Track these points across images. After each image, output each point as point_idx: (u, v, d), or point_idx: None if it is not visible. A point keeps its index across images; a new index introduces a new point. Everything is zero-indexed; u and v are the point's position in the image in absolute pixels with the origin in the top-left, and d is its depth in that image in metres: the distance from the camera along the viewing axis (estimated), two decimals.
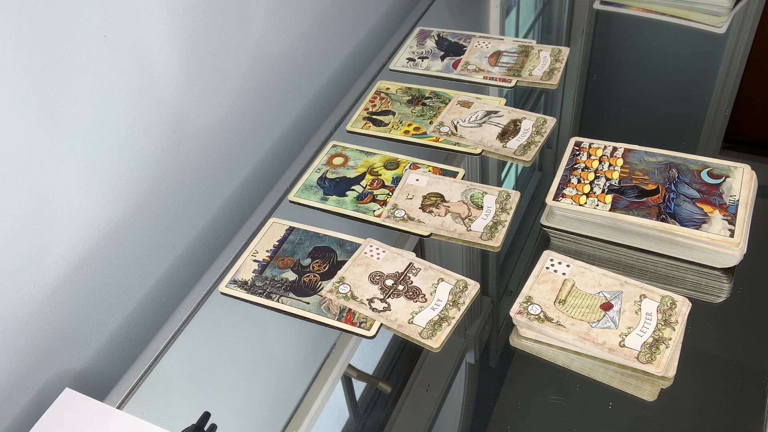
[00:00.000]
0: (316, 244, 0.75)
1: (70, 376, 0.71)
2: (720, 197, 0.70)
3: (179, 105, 0.76)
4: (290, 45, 0.92)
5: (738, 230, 0.66)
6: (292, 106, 0.97)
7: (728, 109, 0.89)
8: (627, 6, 1.08)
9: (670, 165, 0.75)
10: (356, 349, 0.67)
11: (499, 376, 0.64)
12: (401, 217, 0.76)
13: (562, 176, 0.75)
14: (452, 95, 0.92)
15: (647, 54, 1.00)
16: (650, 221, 0.69)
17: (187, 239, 0.84)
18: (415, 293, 0.68)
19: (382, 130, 0.89)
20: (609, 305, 0.64)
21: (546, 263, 0.68)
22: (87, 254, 0.70)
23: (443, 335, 0.65)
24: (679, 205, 0.70)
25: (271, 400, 0.65)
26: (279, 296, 0.70)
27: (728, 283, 0.67)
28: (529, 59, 0.96)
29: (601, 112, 0.93)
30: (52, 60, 0.60)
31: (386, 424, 0.61)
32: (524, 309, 0.64)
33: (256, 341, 0.70)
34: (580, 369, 0.62)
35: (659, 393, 0.60)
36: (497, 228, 0.73)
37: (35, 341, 0.66)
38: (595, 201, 0.72)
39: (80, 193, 0.67)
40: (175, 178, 0.79)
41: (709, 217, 0.68)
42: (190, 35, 0.75)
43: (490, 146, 0.83)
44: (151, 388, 0.66)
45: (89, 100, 0.65)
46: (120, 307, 0.76)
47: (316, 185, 0.82)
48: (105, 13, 0.64)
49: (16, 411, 0.66)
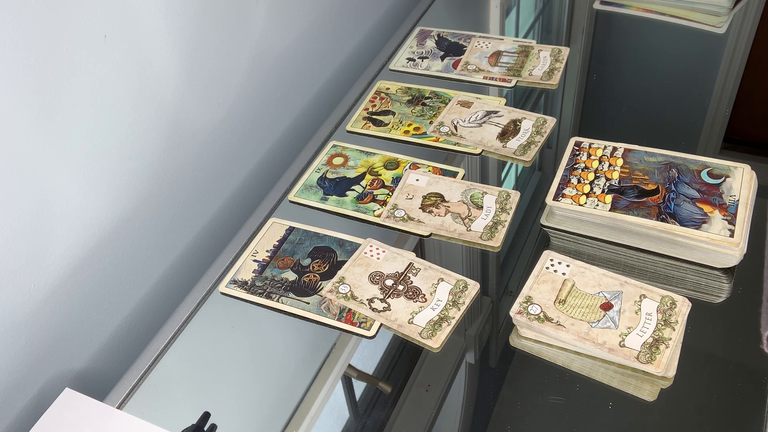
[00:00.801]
0: (316, 244, 0.75)
1: (70, 376, 0.71)
2: (720, 197, 0.70)
3: (179, 105, 0.76)
4: (290, 45, 0.92)
5: (738, 230, 0.66)
6: (292, 106, 0.97)
7: (728, 109, 0.89)
8: (627, 6, 1.08)
9: (670, 165, 0.75)
10: (356, 349, 0.67)
11: (499, 376, 0.64)
12: (401, 217, 0.76)
13: (562, 176, 0.75)
14: (452, 95, 0.92)
15: (647, 54, 1.01)
16: (650, 221, 0.69)
17: (187, 239, 0.84)
18: (415, 293, 0.68)
19: (382, 130, 0.89)
20: (609, 305, 0.64)
21: (546, 263, 0.68)
22: (87, 254, 0.70)
23: (443, 335, 0.65)
24: (679, 205, 0.70)
25: (271, 400, 0.65)
26: (279, 296, 0.70)
27: (728, 283, 0.67)
28: (529, 59, 0.96)
29: (601, 112, 0.93)
30: (52, 60, 0.60)
31: (386, 424, 0.61)
32: (524, 309, 0.64)
33: (256, 341, 0.70)
34: (580, 369, 0.62)
35: (659, 393, 0.60)
36: (497, 228, 0.73)
37: (35, 341, 0.66)
38: (595, 201, 0.72)
39: (80, 193, 0.67)
40: (175, 178, 0.79)
41: (709, 217, 0.68)
42: (190, 35, 0.75)
43: (490, 146, 0.83)
44: (151, 388, 0.66)
45: (89, 100, 0.65)
46: (120, 307, 0.76)
47: (316, 185, 0.82)
48: (105, 13, 0.64)
49: (16, 411, 0.66)
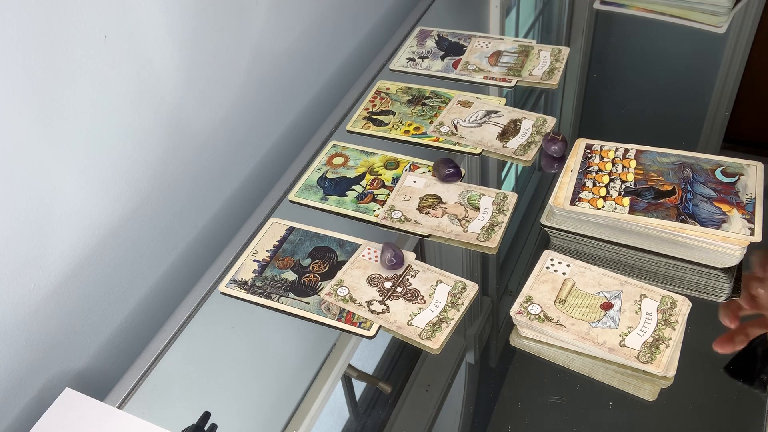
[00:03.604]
0: (316, 245, 0.75)
1: (70, 376, 0.71)
2: (736, 195, 0.70)
3: (179, 105, 0.76)
4: (290, 45, 0.92)
5: (758, 228, 0.66)
6: (292, 106, 0.97)
7: (728, 109, 0.89)
8: (627, 6, 1.08)
9: (684, 165, 0.74)
10: (356, 349, 0.67)
11: (499, 376, 0.64)
12: (398, 218, 0.76)
13: (577, 180, 0.75)
14: (452, 95, 0.92)
15: (647, 54, 1.00)
16: (671, 223, 0.68)
17: (187, 239, 0.84)
18: (414, 295, 0.68)
19: (382, 130, 0.89)
20: (609, 305, 0.64)
21: (546, 263, 0.68)
22: (87, 254, 0.70)
23: (443, 336, 0.65)
24: (697, 205, 0.69)
25: (271, 400, 0.65)
26: (279, 296, 0.70)
27: (728, 283, 0.67)
28: (529, 59, 0.96)
29: (601, 112, 0.93)
30: (52, 60, 0.60)
31: (386, 424, 0.61)
32: (524, 309, 0.64)
33: (256, 341, 0.70)
34: (580, 369, 0.62)
35: (659, 393, 0.60)
36: (494, 229, 0.73)
37: (35, 341, 0.66)
38: (612, 204, 0.71)
39: (80, 193, 0.67)
40: (175, 178, 0.79)
41: (728, 216, 0.68)
42: (190, 35, 0.75)
43: (490, 146, 0.83)
44: (151, 388, 0.66)
45: (89, 100, 0.65)
46: (120, 307, 0.76)
47: (316, 185, 0.82)
48: (105, 13, 0.64)
49: (17, 410, 0.66)
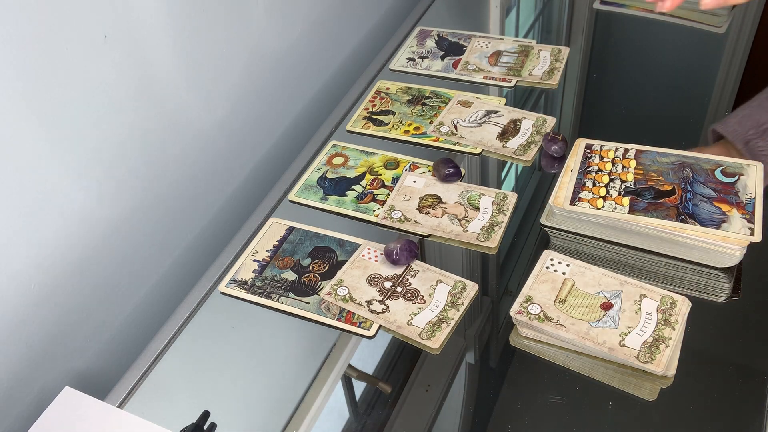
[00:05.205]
0: (316, 244, 0.75)
1: (70, 375, 0.71)
2: (736, 195, 0.70)
3: (179, 105, 0.76)
4: (290, 45, 0.92)
5: (757, 228, 0.66)
6: (292, 106, 0.97)
7: (728, 109, 0.89)
8: (627, 6, 1.08)
9: (684, 165, 0.74)
10: (356, 349, 0.67)
11: (499, 376, 0.64)
12: (398, 218, 0.76)
13: (577, 180, 0.75)
14: (452, 95, 0.92)
15: (647, 54, 1.01)
16: (671, 223, 0.68)
17: (186, 239, 0.84)
18: (414, 295, 0.68)
19: (382, 130, 0.89)
20: (609, 305, 0.64)
21: (546, 263, 0.68)
22: (87, 254, 0.70)
23: (442, 336, 0.65)
24: (697, 205, 0.69)
25: (271, 400, 0.65)
26: (279, 296, 0.70)
27: (728, 283, 0.67)
28: (529, 59, 0.96)
29: (600, 112, 0.94)
30: (52, 60, 0.60)
31: (386, 424, 0.61)
32: (524, 308, 0.64)
33: (256, 341, 0.70)
34: (580, 369, 0.62)
35: (659, 392, 0.60)
36: (494, 229, 0.73)
37: (35, 341, 0.66)
38: (612, 204, 0.71)
39: (80, 194, 0.67)
40: (175, 178, 0.79)
41: (728, 216, 0.68)
42: (190, 35, 0.75)
43: (490, 146, 0.83)
44: (151, 388, 0.66)
45: (89, 100, 0.65)
46: (120, 307, 0.76)
47: (316, 185, 0.82)
48: (105, 13, 0.64)
49: (17, 410, 0.66)
